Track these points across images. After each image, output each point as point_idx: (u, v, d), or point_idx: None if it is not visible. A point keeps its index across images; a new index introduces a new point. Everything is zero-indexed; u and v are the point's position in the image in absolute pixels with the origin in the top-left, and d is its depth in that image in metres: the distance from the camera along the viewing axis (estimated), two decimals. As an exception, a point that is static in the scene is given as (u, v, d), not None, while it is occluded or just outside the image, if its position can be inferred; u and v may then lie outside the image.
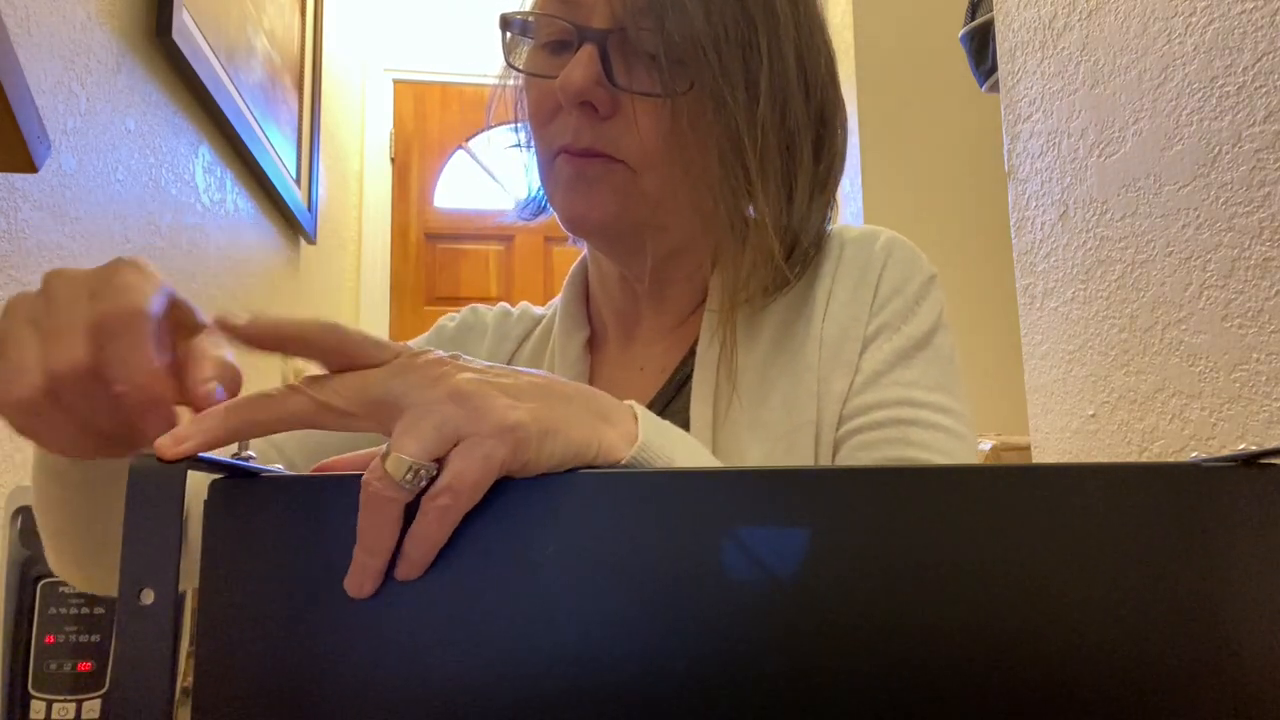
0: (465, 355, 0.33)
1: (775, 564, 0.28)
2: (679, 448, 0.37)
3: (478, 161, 3.01)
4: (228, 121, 1.34)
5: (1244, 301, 0.83)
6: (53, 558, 0.51)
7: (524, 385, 0.32)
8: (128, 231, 1.05)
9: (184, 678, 0.69)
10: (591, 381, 0.62)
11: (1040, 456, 1.14)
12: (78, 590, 0.67)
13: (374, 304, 2.83)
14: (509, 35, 0.58)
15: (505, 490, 0.29)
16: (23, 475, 0.80)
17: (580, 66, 0.50)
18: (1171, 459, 0.83)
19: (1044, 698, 0.27)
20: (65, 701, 0.65)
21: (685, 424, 0.54)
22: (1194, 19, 0.88)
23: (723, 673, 0.27)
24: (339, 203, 2.58)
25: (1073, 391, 1.08)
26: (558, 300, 0.66)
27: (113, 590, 0.48)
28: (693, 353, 0.57)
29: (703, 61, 0.50)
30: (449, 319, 0.69)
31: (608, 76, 0.50)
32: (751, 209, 0.55)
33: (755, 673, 0.27)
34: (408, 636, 0.28)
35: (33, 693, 0.65)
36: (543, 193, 0.60)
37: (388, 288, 2.87)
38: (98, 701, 0.65)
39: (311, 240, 2.03)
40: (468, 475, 0.29)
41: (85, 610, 0.67)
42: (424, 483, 0.29)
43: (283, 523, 0.29)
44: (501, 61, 0.59)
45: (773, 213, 0.54)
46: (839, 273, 0.57)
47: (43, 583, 0.67)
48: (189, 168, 1.26)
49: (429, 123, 2.98)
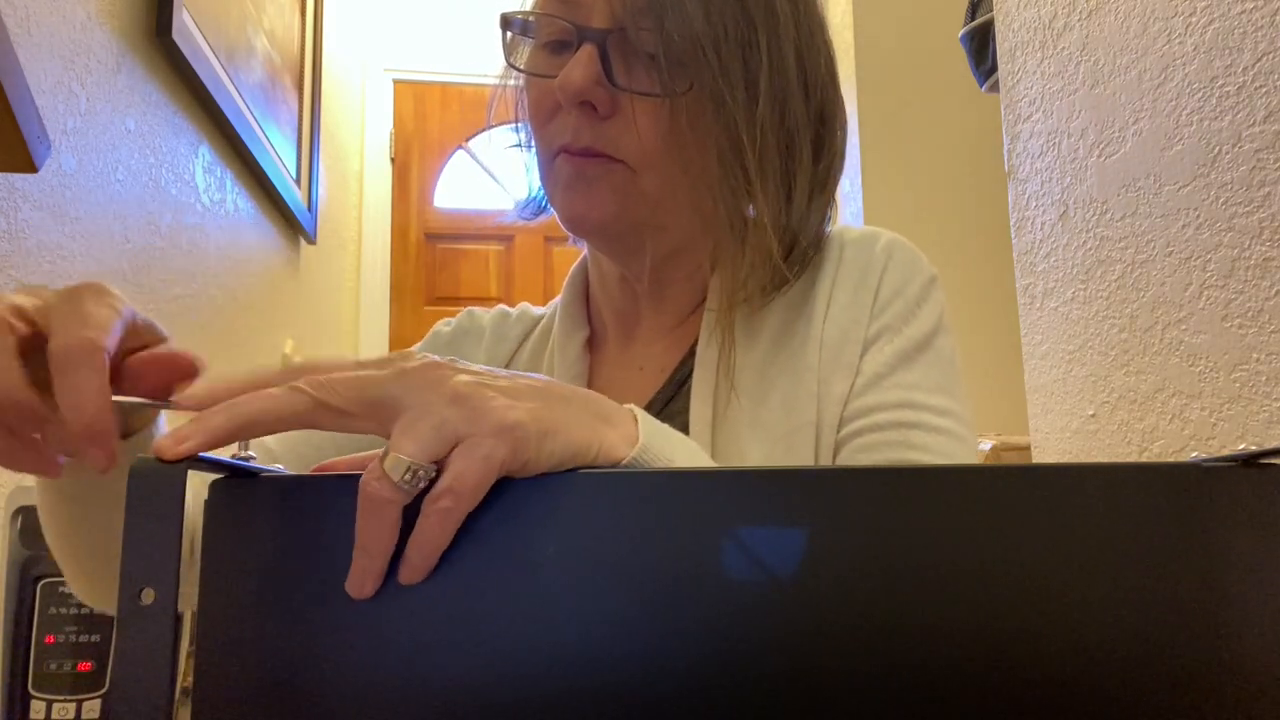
0: (461, 360, 0.33)
1: (775, 564, 0.28)
2: (679, 450, 0.37)
3: (478, 161, 3.01)
4: (228, 121, 1.34)
5: (1244, 301, 0.83)
6: (66, 577, 0.52)
7: (522, 387, 0.32)
8: (128, 231, 1.05)
9: (184, 678, 0.69)
10: (590, 381, 0.62)
11: (1040, 456, 1.14)
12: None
13: (374, 304, 2.83)
14: (509, 35, 0.58)
15: (505, 490, 0.29)
16: (22, 475, 0.80)
17: (580, 66, 0.50)
18: (1171, 459, 0.83)
19: (1044, 698, 0.27)
20: (65, 701, 0.65)
21: (685, 424, 0.54)
22: (1194, 19, 0.88)
23: (723, 673, 0.27)
24: (339, 203, 2.58)
25: (1073, 391, 1.08)
26: (558, 300, 0.66)
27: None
28: (692, 352, 0.57)
29: (702, 62, 0.50)
30: (444, 324, 0.69)
31: (607, 76, 0.50)
32: (751, 209, 0.55)
33: (755, 673, 0.27)
34: (408, 636, 0.28)
35: (33, 693, 0.65)
36: (543, 192, 0.60)
37: (388, 288, 2.87)
38: (98, 701, 0.65)
39: (311, 240, 2.04)
40: (468, 476, 0.28)
41: (85, 610, 0.67)
42: (422, 484, 0.29)
43: (283, 523, 0.29)
44: (501, 61, 0.59)
45: (772, 212, 0.54)
46: (839, 274, 0.57)
47: (43, 583, 0.67)
48: (189, 168, 1.26)
49: (429, 123, 2.98)
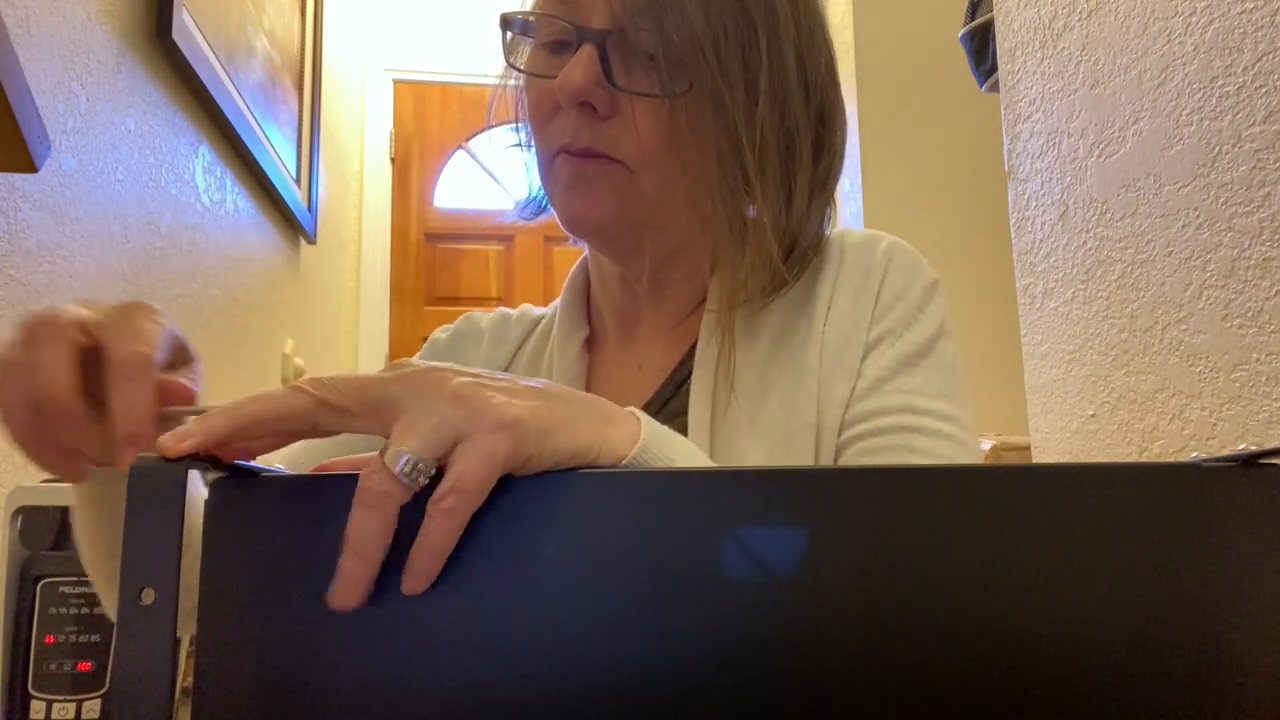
0: (458, 366, 0.33)
1: (775, 564, 0.28)
2: (679, 452, 0.37)
3: (478, 161, 3.01)
4: (228, 121, 1.34)
5: (1244, 301, 0.83)
6: (98, 589, 0.53)
7: (521, 389, 0.33)
8: (128, 231, 1.05)
9: (184, 678, 0.69)
10: (589, 380, 0.62)
11: (1040, 456, 1.14)
12: (78, 590, 0.67)
13: (374, 304, 2.83)
14: (509, 35, 0.58)
15: (505, 490, 0.29)
16: (23, 475, 0.80)
17: (579, 67, 0.50)
18: (1171, 459, 0.83)
19: (1044, 697, 0.27)
20: (65, 701, 0.65)
21: (683, 424, 0.54)
22: (1194, 19, 0.88)
23: (723, 673, 0.27)
24: (339, 203, 2.58)
25: (1073, 391, 1.08)
26: (559, 301, 0.66)
27: None
28: (692, 353, 0.57)
29: (702, 62, 0.50)
30: (442, 330, 0.69)
31: (607, 77, 0.50)
32: (751, 209, 0.55)
33: (755, 673, 0.27)
34: (407, 636, 0.28)
35: (33, 693, 0.65)
36: (543, 192, 0.60)
37: (388, 288, 2.87)
38: (98, 701, 0.65)
39: (311, 240, 2.04)
40: (472, 474, 0.28)
41: (85, 610, 0.67)
42: (422, 479, 0.28)
43: (283, 523, 0.29)
44: (501, 61, 0.59)
45: (772, 213, 0.54)
46: (840, 277, 0.57)
47: (43, 583, 0.67)
48: (189, 168, 1.26)
49: (429, 123, 2.98)
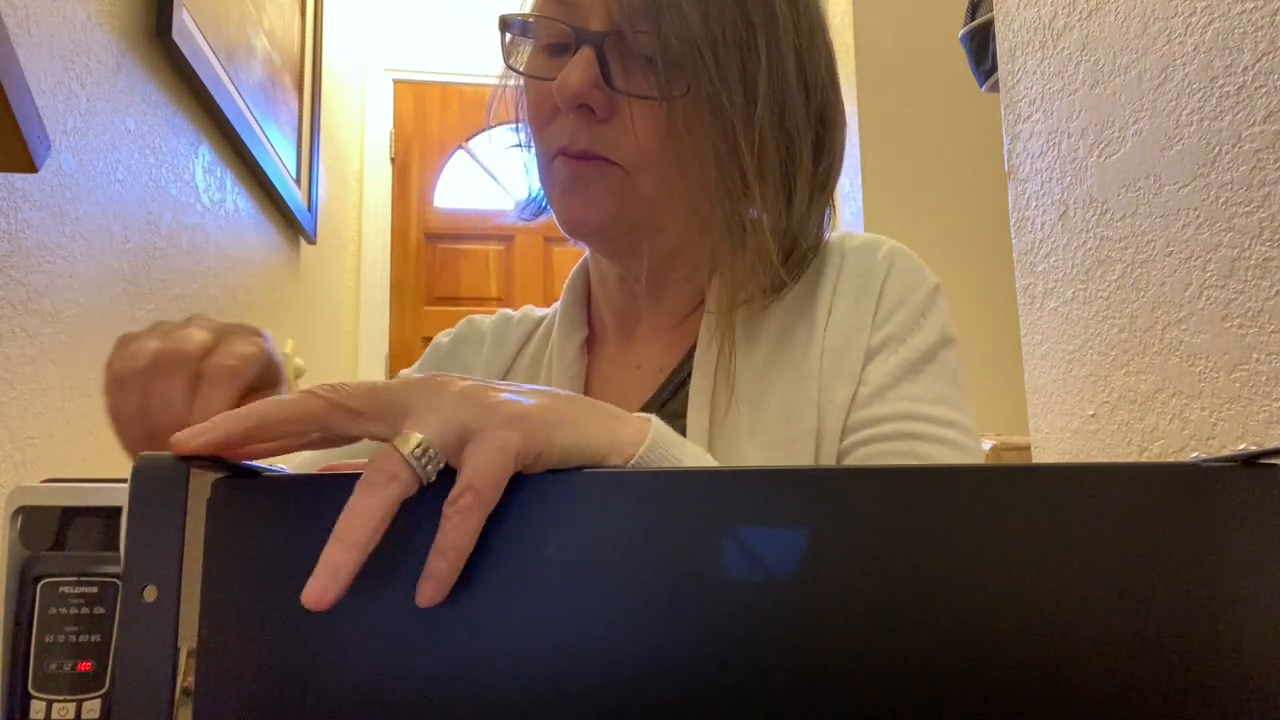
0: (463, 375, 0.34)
1: (775, 564, 0.28)
2: (689, 455, 0.38)
3: (478, 161, 3.01)
4: (228, 121, 1.34)
5: (1244, 301, 0.83)
6: None
7: (526, 390, 0.33)
8: (128, 231, 1.05)
9: (184, 678, 0.69)
10: (588, 379, 0.62)
11: (1040, 456, 1.14)
12: (78, 590, 0.67)
13: (374, 304, 2.83)
14: (509, 37, 0.58)
15: (506, 489, 0.29)
16: (23, 475, 0.80)
17: (577, 69, 0.50)
18: (1171, 459, 0.83)
19: (1044, 697, 0.27)
20: (65, 701, 0.65)
21: (682, 426, 0.54)
22: (1194, 19, 0.88)
23: (724, 672, 0.27)
24: (339, 203, 2.58)
25: (1073, 391, 1.08)
26: (560, 302, 0.66)
27: None
28: (691, 354, 0.57)
29: (700, 65, 0.50)
30: (444, 335, 0.69)
31: (605, 79, 0.50)
32: (751, 211, 0.55)
33: (756, 672, 0.27)
34: (408, 636, 0.28)
35: (33, 693, 0.65)
36: (542, 193, 0.60)
37: (388, 288, 2.87)
38: (98, 701, 0.65)
39: (311, 240, 2.04)
40: (486, 470, 0.28)
41: (85, 610, 0.67)
42: (431, 468, 0.29)
43: (284, 522, 0.29)
44: (501, 62, 0.59)
45: (771, 215, 0.54)
46: (841, 281, 0.57)
47: (43, 583, 0.67)
48: (189, 168, 1.26)
49: (429, 123, 2.98)
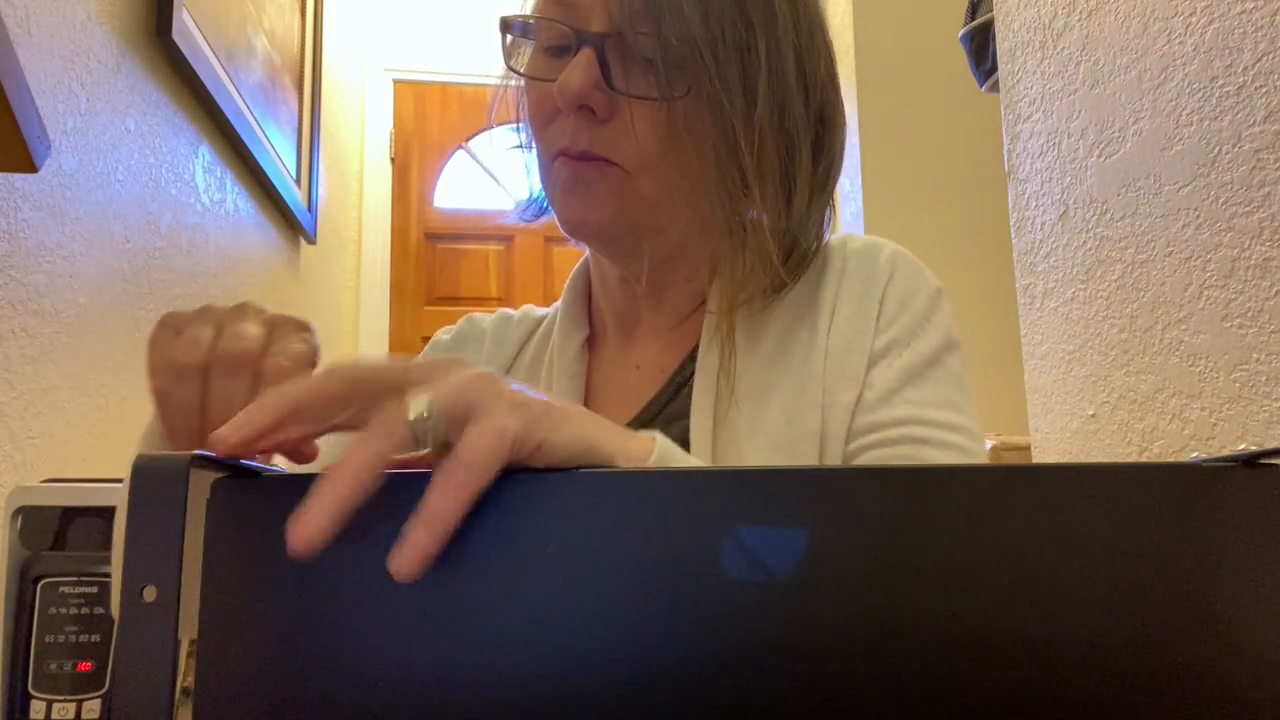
0: None
1: (775, 564, 0.28)
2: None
3: (478, 161, 3.01)
4: (228, 121, 1.34)
5: (1244, 301, 0.83)
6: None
7: (539, 392, 0.34)
8: (128, 232, 1.05)
9: (184, 678, 0.69)
10: (588, 379, 0.62)
11: (1040, 456, 1.14)
12: (78, 590, 0.67)
13: (374, 304, 2.83)
14: (509, 38, 0.58)
15: (506, 488, 0.29)
16: (23, 475, 0.80)
17: (578, 70, 0.50)
18: (1171, 459, 0.83)
19: (1044, 698, 0.27)
20: (65, 701, 0.65)
21: (684, 428, 0.54)
22: (1194, 19, 0.88)
23: (723, 673, 0.27)
24: (339, 203, 2.58)
25: (1073, 391, 1.08)
26: (560, 301, 0.66)
27: None
28: (693, 356, 0.57)
29: (700, 65, 0.50)
30: (444, 331, 0.69)
31: (605, 80, 0.50)
32: (751, 211, 0.55)
33: (755, 673, 0.27)
34: (408, 636, 0.28)
35: (33, 693, 0.65)
36: (543, 194, 0.60)
37: (388, 288, 2.87)
38: (98, 701, 0.65)
39: (311, 240, 2.04)
40: (479, 446, 0.28)
41: (85, 610, 0.67)
42: (428, 434, 0.29)
43: (284, 522, 0.29)
44: (501, 62, 0.59)
45: (771, 215, 0.54)
46: (843, 283, 0.57)
47: (43, 583, 0.67)
48: (189, 168, 1.26)
49: (429, 123, 2.98)
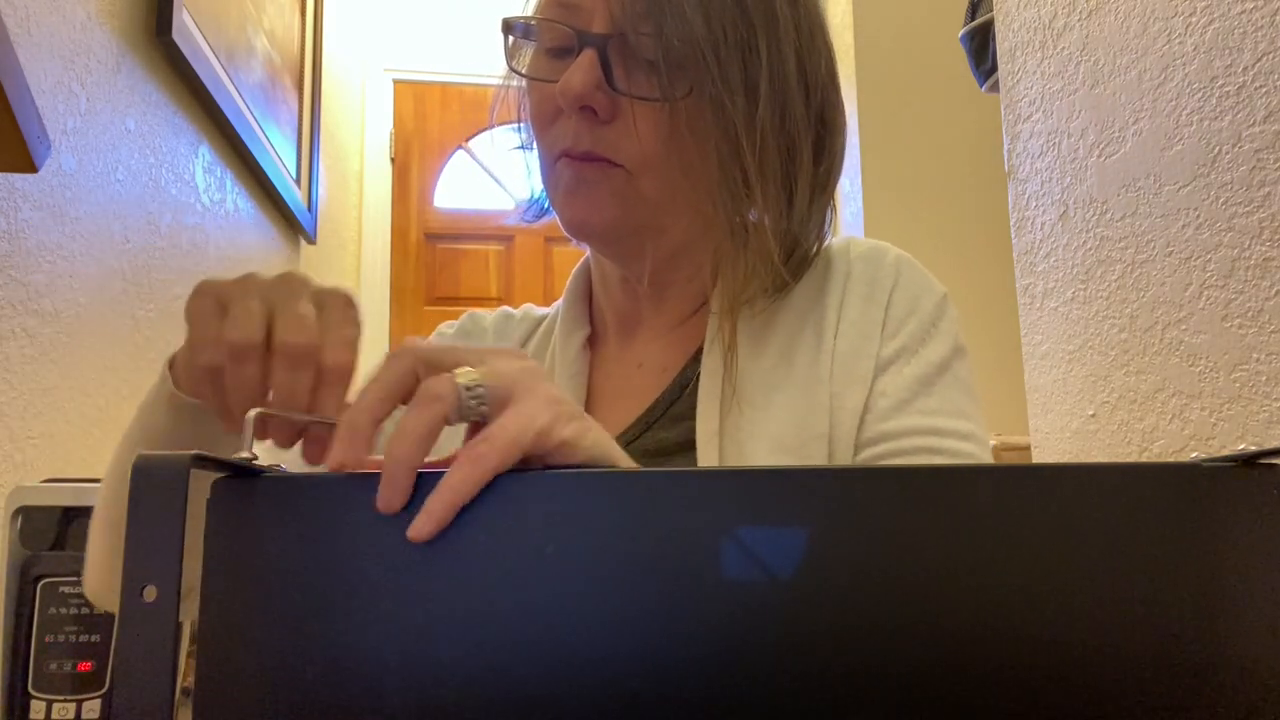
0: None
1: (776, 564, 0.28)
2: None
3: (478, 162, 3.01)
4: (228, 121, 1.34)
5: (1244, 301, 0.83)
6: (94, 571, 0.51)
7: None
8: (128, 231, 1.05)
9: (184, 678, 0.69)
10: (590, 377, 0.62)
11: (1040, 456, 1.14)
12: (78, 590, 0.67)
13: (374, 304, 2.83)
14: (511, 39, 0.58)
15: (507, 488, 0.29)
16: (23, 475, 0.80)
17: (580, 71, 0.50)
18: (1171, 459, 0.83)
19: (1044, 697, 0.27)
20: (65, 701, 0.65)
21: (689, 429, 0.54)
22: (1194, 19, 0.88)
23: (723, 672, 0.27)
24: (339, 203, 2.58)
25: (1073, 391, 1.08)
26: (561, 301, 0.66)
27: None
28: (695, 356, 0.57)
29: (702, 66, 0.50)
30: (446, 326, 0.69)
31: (607, 81, 0.51)
32: (752, 211, 0.55)
33: (756, 672, 0.27)
34: (408, 636, 0.28)
35: (33, 693, 0.65)
36: (545, 195, 0.60)
37: (388, 288, 2.87)
38: (98, 701, 0.65)
39: (311, 240, 2.03)
40: (508, 429, 0.31)
41: (85, 610, 0.67)
42: (474, 404, 0.32)
43: (285, 522, 0.29)
44: (503, 62, 0.59)
45: (773, 215, 0.54)
46: (849, 287, 0.57)
47: (43, 583, 0.67)
48: (189, 168, 1.26)
49: (429, 123, 2.98)
